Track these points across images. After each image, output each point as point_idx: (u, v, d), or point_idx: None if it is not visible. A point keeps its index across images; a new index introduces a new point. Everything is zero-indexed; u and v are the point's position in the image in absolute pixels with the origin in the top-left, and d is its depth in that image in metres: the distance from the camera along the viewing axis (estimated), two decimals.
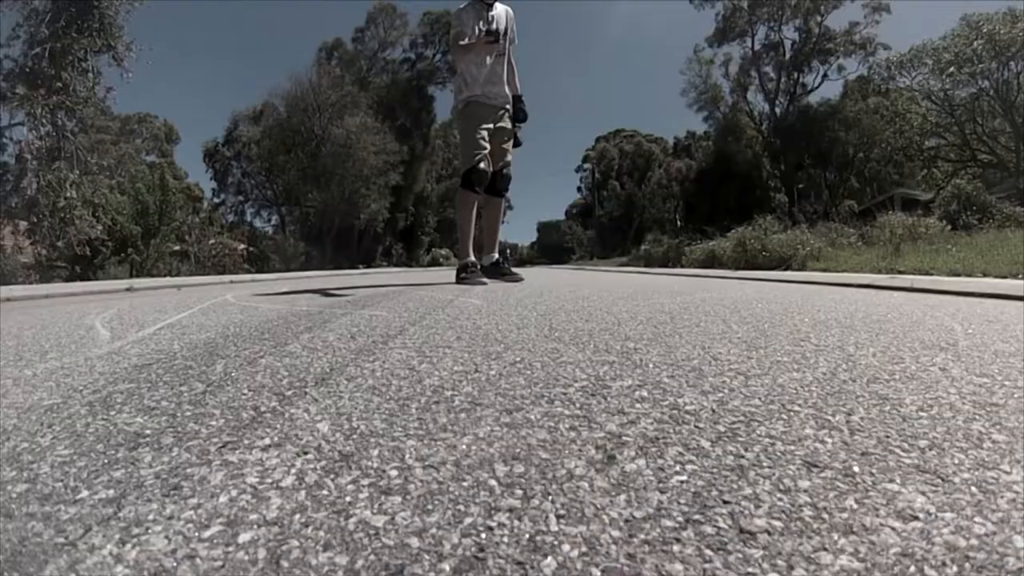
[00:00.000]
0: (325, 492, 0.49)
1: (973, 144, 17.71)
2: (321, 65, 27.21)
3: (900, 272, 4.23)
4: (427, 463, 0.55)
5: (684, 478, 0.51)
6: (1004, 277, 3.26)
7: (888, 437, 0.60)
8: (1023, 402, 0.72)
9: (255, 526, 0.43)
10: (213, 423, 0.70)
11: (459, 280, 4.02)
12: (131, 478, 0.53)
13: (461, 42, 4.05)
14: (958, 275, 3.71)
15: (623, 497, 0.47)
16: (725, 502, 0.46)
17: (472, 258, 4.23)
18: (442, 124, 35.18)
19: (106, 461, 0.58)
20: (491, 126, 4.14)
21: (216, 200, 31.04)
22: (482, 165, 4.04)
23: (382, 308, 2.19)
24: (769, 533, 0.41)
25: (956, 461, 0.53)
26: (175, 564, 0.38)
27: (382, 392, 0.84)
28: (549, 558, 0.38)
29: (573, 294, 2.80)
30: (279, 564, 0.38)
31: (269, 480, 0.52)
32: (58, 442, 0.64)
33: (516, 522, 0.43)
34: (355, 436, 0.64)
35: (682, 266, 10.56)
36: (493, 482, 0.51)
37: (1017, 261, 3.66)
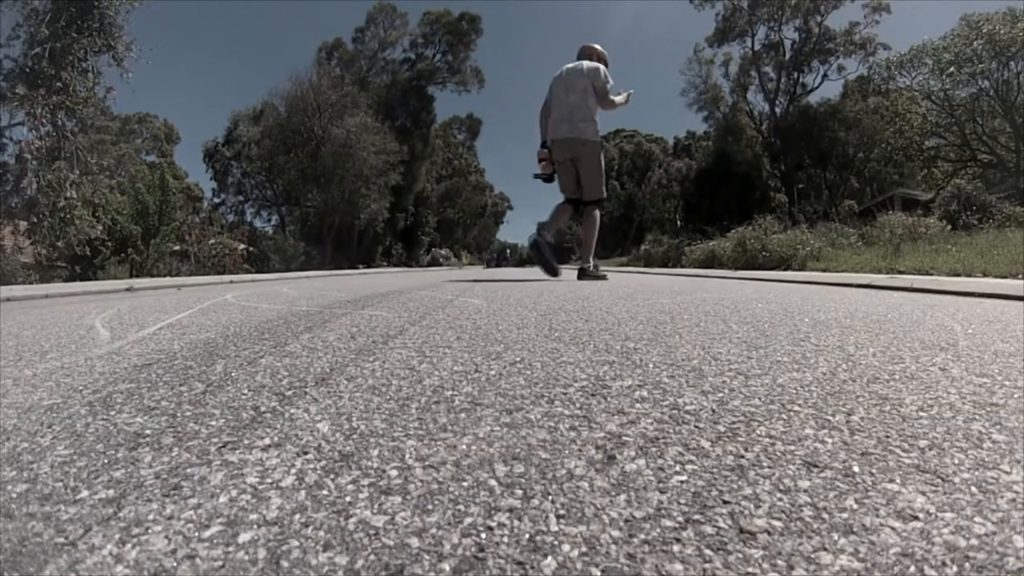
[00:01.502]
0: (325, 492, 0.49)
1: (973, 144, 17.71)
2: (321, 65, 27.20)
3: (900, 272, 4.23)
4: (427, 463, 0.55)
5: (684, 478, 0.51)
6: (1004, 277, 3.26)
7: (888, 437, 0.60)
8: (1023, 402, 0.72)
9: (255, 526, 0.43)
10: (213, 423, 0.70)
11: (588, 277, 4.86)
12: (131, 478, 0.53)
13: (616, 99, 5.14)
14: (958, 275, 3.71)
15: (623, 497, 0.47)
16: (725, 502, 0.46)
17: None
18: (442, 124, 35.18)
19: (106, 461, 0.58)
20: None
21: (216, 200, 31.06)
22: None
23: (382, 308, 2.19)
24: (769, 533, 0.41)
25: (956, 461, 0.53)
26: (175, 564, 0.38)
27: (382, 392, 0.84)
28: (549, 558, 0.38)
29: (573, 294, 2.80)
30: (279, 564, 0.38)
31: (269, 480, 0.52)
32: (58, 442, 0.64)
33: (516, 522, 0.43)
34: (355, 436, 0.64)
35: (682, 266, 10.56)
36: (493, 482, 0.51)
37: (1017, 261, 3.66)
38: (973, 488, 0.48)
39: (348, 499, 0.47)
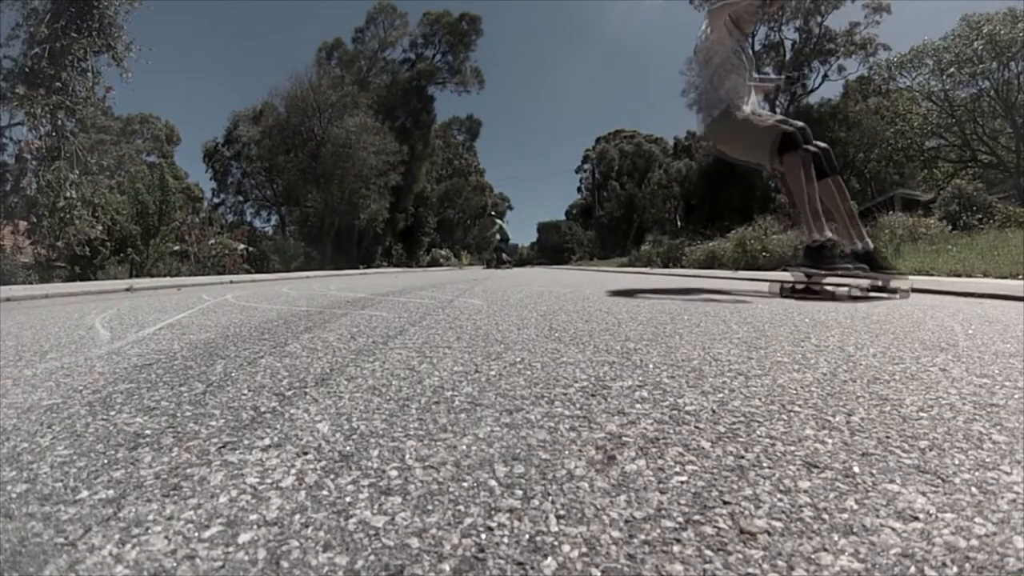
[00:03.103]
0: (325, 492, 0.49)
1: (973, 144, 17.71)
2: (321, 65, 27.21)
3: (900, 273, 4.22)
4: (427, 463, 0.55)
5: (684, 478, 0.51)
6: (1004, 277, 3.25)
7: (888, 438, 0.60)
8: (1023, 403, 0.72)
9: (255, 526, 0.43)
10: (213, 423, 0.70)
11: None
12: (131, 478, 0.53)
13: None
14: (958, 275, 3.71)
15: (623, 498, 0.47)
16: (725, 503, 0.46)
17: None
18: (442, 124, 35.14)
19: (106, 461, 0.58)
20: None
21: (216, 200, 31.08)
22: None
23: (382, 308, 2.19)
24: (769, 534, 0.41)
25: (956, 462, 0.53)
26: (175, 564, 0.38)
27: (382, 392, 0.84)
28: (549, 558, 0.38)
29: (573, 294, 2.80)
30: (279, 564, 0.38)
31: (269, 480, 0.52)
32: (58, 442, 0.64)
33: (516, 522, 0.43)
34: (355, 436, 0.64)
35: (682, 267, 10.55)
36: (493, 482, 0.51)
37: (1017, 262, 3.66)
38: (973, 489, 0.47)
39: (348, 499, 0.47)
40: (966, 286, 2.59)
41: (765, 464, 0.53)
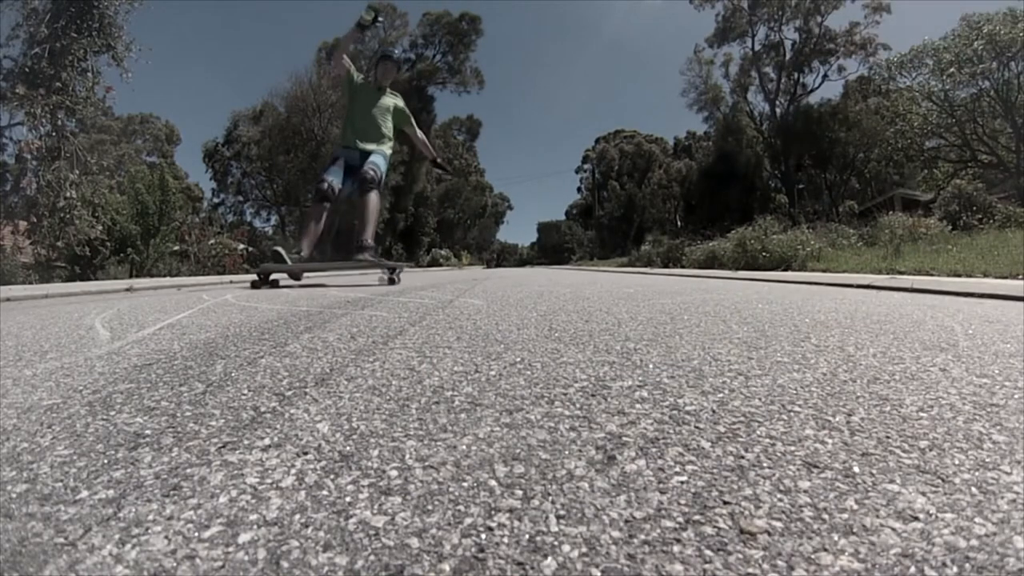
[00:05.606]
0: (325, 492, 0.49)
1: (973, 144, 17.70)
2: (321, 65, 27.21)
3: (900, 273, 4.23)
4: (427, 463, 0.55)
5: (684, 479, 0.51)
6: (1004, 278, 3.25)
7: (888, 438, 0.60)
8: (1023, 403, 0.72)
9: (255, 526, 0.43)
10: (213, 423, 0.70)
11: None
12: (131, 478, 0.53)
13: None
14: (958, 276, 3.70)
15: (623, 498, 0.47)
16: (725, 503, 0.46)
17: None
18: (442, 124, 35.18)
19: (106, 461, 0.58)
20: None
21: (216, 200, 31.10)
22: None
23: (382, 308, 2.19)
24: (769, 534, 0.41)
25: (956, 462, 0.53)
26: (175, 564, 0.38)
27: (382, 392, 0.84)
28: (549, 559, 0.38)
29: (573, 294, 2.80)
30: (279, 564, 0.38)
31: (269, 480, 0.52)
32: (58, 442, 0.64)
33: (516, 523, 0.43)
34: (355, 436, 0.64)
35: (682, 267, 10.55)
36: (493, 482, 0.51)
37: (1017, 262, 3.66)
38: (973, 489, 0.48)
39: (348, 499, 0.47)
40: (966, 286, 2.59)
41: (765, 464, 0.53)
